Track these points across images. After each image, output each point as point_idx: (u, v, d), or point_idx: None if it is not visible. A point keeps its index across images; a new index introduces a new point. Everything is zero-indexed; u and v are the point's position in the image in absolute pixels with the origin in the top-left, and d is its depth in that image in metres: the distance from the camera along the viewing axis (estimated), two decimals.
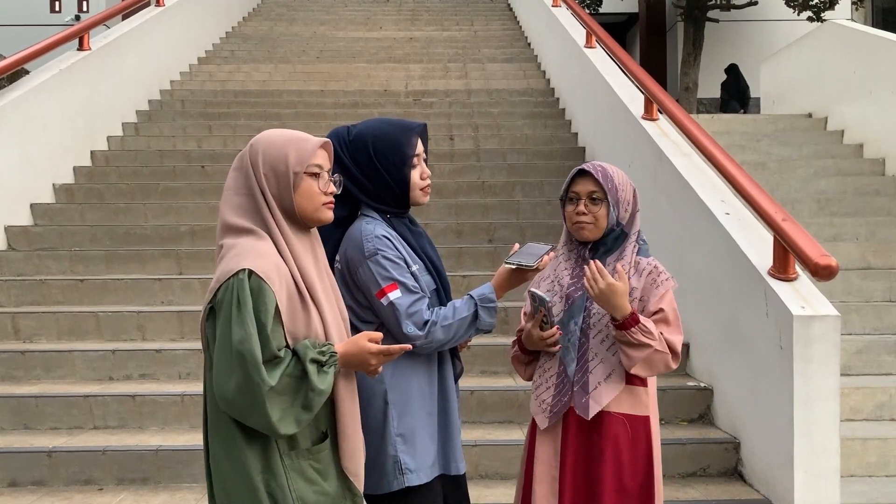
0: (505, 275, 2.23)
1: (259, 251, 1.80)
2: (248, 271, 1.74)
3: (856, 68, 7.44)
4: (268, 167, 1.87)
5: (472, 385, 4.20)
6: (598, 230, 2.34)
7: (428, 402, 2.21)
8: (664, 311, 2.31)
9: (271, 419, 1.72)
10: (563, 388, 2.33)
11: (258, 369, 1.69)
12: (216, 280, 1.79)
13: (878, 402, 4.27)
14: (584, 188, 2.35)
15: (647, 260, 2.36)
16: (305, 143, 1.90)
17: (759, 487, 3.59)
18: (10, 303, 5.19)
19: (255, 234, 1.84)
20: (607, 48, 6.75)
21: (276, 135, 1.92)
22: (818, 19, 12.92)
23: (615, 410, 2.30)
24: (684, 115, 4.90)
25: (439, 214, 6.27)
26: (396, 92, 8.99)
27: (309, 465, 1.84)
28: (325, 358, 1.80)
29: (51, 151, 6.47)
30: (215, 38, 10.98)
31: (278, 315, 1.76)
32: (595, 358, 2.31)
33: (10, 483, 3.70)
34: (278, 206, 1.86)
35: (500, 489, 3.61)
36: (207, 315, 1.81)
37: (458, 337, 2.19)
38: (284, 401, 1.74)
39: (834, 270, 3.28)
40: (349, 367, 1.89)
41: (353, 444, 1.91)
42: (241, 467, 1.78)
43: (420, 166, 2.23)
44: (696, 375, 4.40)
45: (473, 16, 13.01)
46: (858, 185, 6.67)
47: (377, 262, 2.12)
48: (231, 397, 1.72)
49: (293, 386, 1.75)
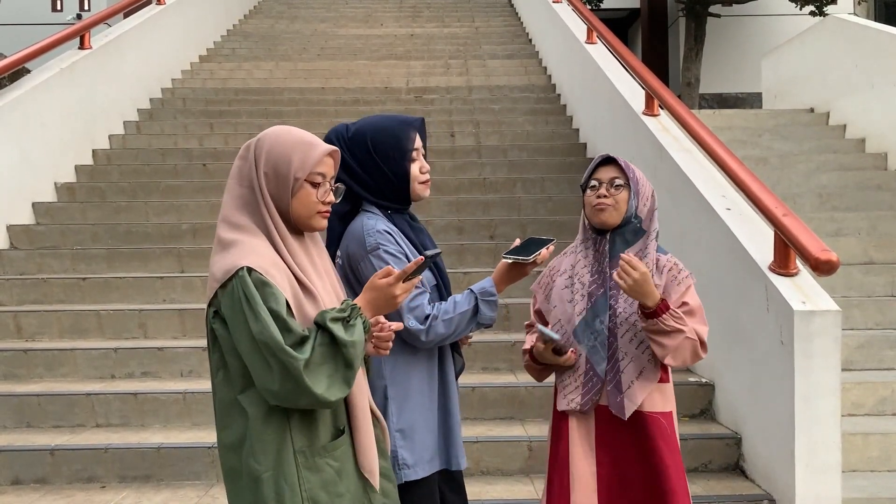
0: (504, 269, 2.25)
1: (255, 249, 1.78)
2: (246, 268, 1.73)
3: (858, 63, 7.42)
4: (270, 166, 1.84)
5: (474, 381, 4.21)
6: (618, 214, 2.33)
7: (428, 397, 2.22)
8: (689, 304, 2.31)
9: (317, 392, 1.70)
10: (592, 386, 2.32)
11: (285, 351, 1.68)
12: (214, 279, 1.78)
13: (880, 396, 4.27)
14: (606, 175, 2.36)
15: (665, 257, 2.36)
16: (312, 150, 1.86)
17: (760, 482, 3.59)
18: (12, 301, 5.20)
19: (251, 231, 1.82)
20: (608, 44, 6.74)
21: (284, 134, 1.88)
22: (820, 14, 12.87)
23: (647, 409, 2.30)
24: (685, 111, 4.89)
25: (440, 211, 6.27)
26: (397, 89, 8.98)
27: (326, 463, 1.80)
28: (347, 313, 1.79)
29: (52, 150, 6.48)
30: (216, 36, 10.98)
31: (289, 307, 1.75)
32: (625, 357, 2.30)
33: (14, 481, 3.72)
34: (275, 205, 1.84)
35: (502, 485, 3.61)
36: (213, 317, 1.79)
37: (460, 331, 2.20)
38: (326, 368, 1.72)
39: (835, 265, 3.28)
40: (377, 310, 1.86)
41: (365, 440, 1.88)
42: (246, 468, 1.76)
43: (419, 160, 2.25)
44: (697, 371, 4.40)
45: (474, 12, 13.00)
46: (860, 179, 6.65)
47: (379, 256, 2.14)
48: (276, 388, 1.70)
49: (329, 352, 1.73)
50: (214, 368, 1.83)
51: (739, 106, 14.38)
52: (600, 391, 2.31)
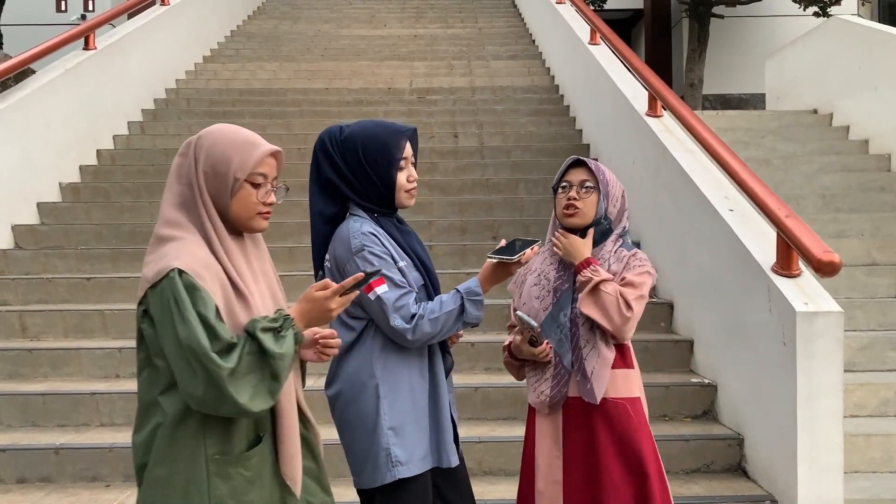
0: (489, 269, 2.29)
1: (188, 250, 1.75)
2: (177, 270, 1.70)
3: (861, 64, 7.41)
4: (209, 165, 1.81)
5: (477, 382, 4.22)
6: (585, 218, 2.42)
7: (419, 395, 2.25)
8: (626, 278, 2.38)
9: (240, 401, 1.68)
10: (561, 378, 2.41)
11: (210, 358, 1.66)
12: (145, 279, 1.75)
13: (883, 398, 4.27)
14: (576, 177, 2.45)
15: (629, 252, 2.45)
16: (253, 150, 1.82)
17: (762, 483, 3.60)
18: (17, 301, 5.22)
19: (187, 230, 1.79)
20: (611, 45, 6.75)
21: (226, 133, 1.85)
22: (824, 14, 12.86)
23: (612, 396, 2.37)
24: (688, 112, 4.90)
25: (443, 212, 6.28)
26: (401, 89, 8.99)
27: (238, 472, 1.77)
28: (279, 323, 1.77)
29: (57, 150, 6.50)
30: (220, 37, 11.00)
31: (219, 312, 1.72)
32: (587, 345, 2.39)
33: (19, 479, 3.73)
34: (214, 204, 1.81)
35: (504, 486, 3.62)
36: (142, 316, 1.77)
37: (446, 330, 2.23)
38: (252, 378, 1.71)
39: (837, 267, 3.29)
40: (310, 322, 1.84)
41: (290, 448, 1.85)
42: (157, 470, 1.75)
43: (407, 169, 2.28)
44: (699, 372, 4.41)
45: (478, 13, 13.01)
46: (863, 181, 6.65)
47: (363, 257, 2.17)
48: (200, 394, 1.69)
49: (256, 362, 1.72)
50: (139, 367, 1.81)
51: (742, 107, 14.37)
52: (568, 382, 2.39)
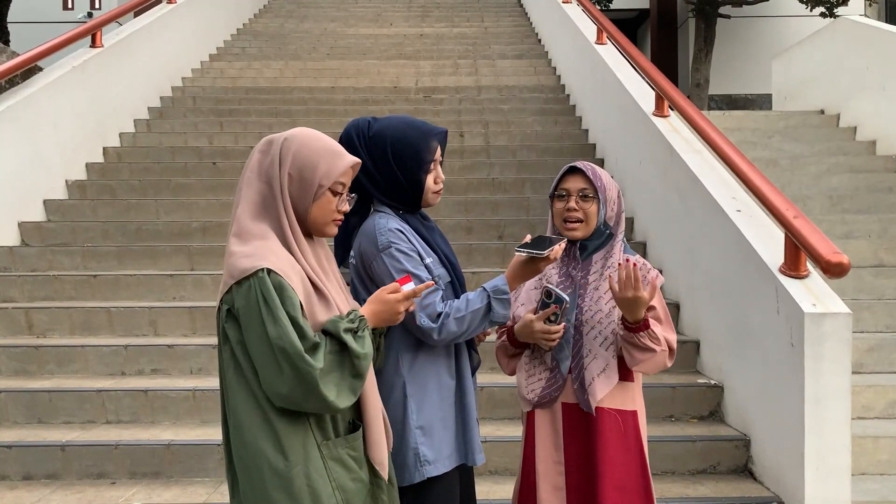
0: (518, 266, 2.23)
1: (273, 251, 1.81)
2: (266, 270, 1.76)
3: (869, 64, 7.39)
4: (295, 168, 1.87)
5: (483, 381, 4.19)
6: (588, 229, 2.38)
7: (446, 393, 2.23)
8: (656, 308, 2.35)
9: (328, 399, 1.76)
10: (554, 382, 2.38)
11: (303, 359, 1.73)
12: (230, 275, 1.79)
13: (890, 400, 4.25)
14: (574, 185, 2.39)
15: (634, 258, 2.39)
16: (339, 160, 1.91)
17: (769, 485, 3.59)
18: (23, 298, 5.23)
19: (266, 231, 1.85)
20: (618, 44, 6.74)
21: (313, 139, 1.92)
22: (831, 15, 12.82)
23: (607, 406, 2.35)
24: (695, 112, 4.88)
25: (449, 211, 6.27)
26: (406, 88, 8.99)
27: (346, 452, 1.87)
28: (357, 324, 1.84)
29: (63, 148, 6.51)
30: (226, 35, 11.01)
31: (303, 311, 1.79)
32: (590, 354, 2.35)
33: (25, 476, 3.74)
34: (294, 207, 1.88)
35: (510, 485, 3.59)
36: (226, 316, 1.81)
37: (472, 329, 2.19)
38: (335, 377, 1.78)
39: (845, 268, 3.27)
40: (379, 322, 1.94)
41: (376, 434, 1.94)
42: (273, 464, 1.78)
43: (435, 171, 2.25)
44: (706, 373, 4.39)
45: (484, 12, 13.00)
46: (871, 181, 6.63)
47: (391, 254, 2.15)
48: (286, 392, 1.75)
49: (338, 361, 1.79)
50: (225, 366, 1.84)
51: (749, 107, 14.33)
52: (561, 388, 2.37)
